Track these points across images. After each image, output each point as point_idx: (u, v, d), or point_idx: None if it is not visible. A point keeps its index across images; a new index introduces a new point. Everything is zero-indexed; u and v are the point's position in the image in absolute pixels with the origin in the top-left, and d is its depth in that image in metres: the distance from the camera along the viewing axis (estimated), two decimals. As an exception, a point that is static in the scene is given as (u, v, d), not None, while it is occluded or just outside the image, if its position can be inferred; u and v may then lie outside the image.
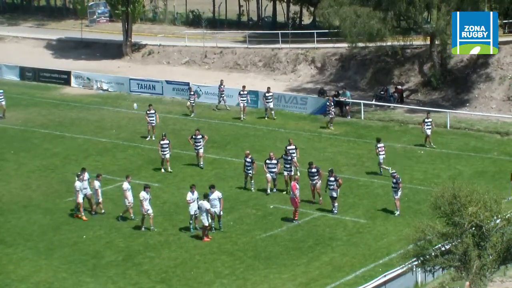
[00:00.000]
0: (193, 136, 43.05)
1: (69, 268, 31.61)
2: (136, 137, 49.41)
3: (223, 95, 55.23)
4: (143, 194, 34.77)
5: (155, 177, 41.80)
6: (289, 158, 39.19)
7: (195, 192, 34.61)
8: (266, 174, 38.70)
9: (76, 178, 36.52)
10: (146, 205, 34.73)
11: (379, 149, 41.59)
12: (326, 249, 32.93)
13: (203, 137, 43.08)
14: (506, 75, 54.93)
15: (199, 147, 42.88)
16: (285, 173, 38.99)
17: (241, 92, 53.29)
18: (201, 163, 43.05)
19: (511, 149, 45.84)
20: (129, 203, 35.75)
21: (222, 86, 55.50)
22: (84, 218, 36.25)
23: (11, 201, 38.88)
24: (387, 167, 41.33)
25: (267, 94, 52.85)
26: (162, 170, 42.36)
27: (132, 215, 35.92)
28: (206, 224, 33.61)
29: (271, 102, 52.98)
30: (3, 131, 51.39)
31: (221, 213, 34.67)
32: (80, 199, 36.15)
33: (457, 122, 50.78)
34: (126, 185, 35.91)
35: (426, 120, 45.90)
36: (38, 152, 46.84)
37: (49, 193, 39.83)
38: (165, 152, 42.14)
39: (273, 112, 53.01)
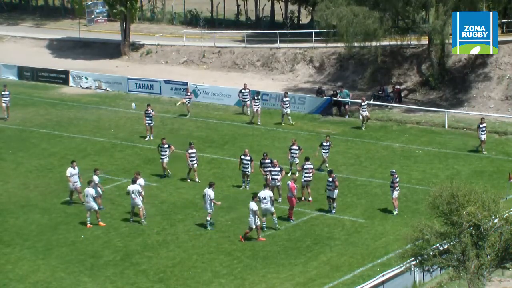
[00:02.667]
0: (160, 146, 41.52)
1: (67, 267, 31.59)
2: (134, 136, 49.38)
3: (246, 99, 53.60)
4: (209, 192, 34.71)
5: (153, 177, 41.77)
6: (268, 161, 38.42)
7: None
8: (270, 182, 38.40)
9: (88, 185, 35.85)
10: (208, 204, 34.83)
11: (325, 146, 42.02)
12: (324, 248, 32.92)
13: (169, 147, 41.43)
14: (504, 74, 54.96)
15: (163, 157, 41.26)
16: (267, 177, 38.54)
17: (256, 98, 52.19)
18: (168, 172, 41.60)
19: (509, 148, 45.86)
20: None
21: (244, 90, 53.66)
22: (102, 223, 35.69)
23: (9, 201, 38.85)
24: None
25: (284, 99, 51.49)
26: (188, 180, 40.85)
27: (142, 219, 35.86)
28: (253, 226, 33.34)
29: (288, 107, 51.56)
30: (1, 131, 51.35)
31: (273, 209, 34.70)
32: (95, 205, 35.63)
33: (455, 122, 50.80)
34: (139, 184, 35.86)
35: (480, 126, 44.85)
36: (36, 151, 46.82)
37: (47, 193, 39.80)
38: (193, 162, 40.62)
39: (289, 117, 51.60)
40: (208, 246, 33.34)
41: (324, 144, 42.04)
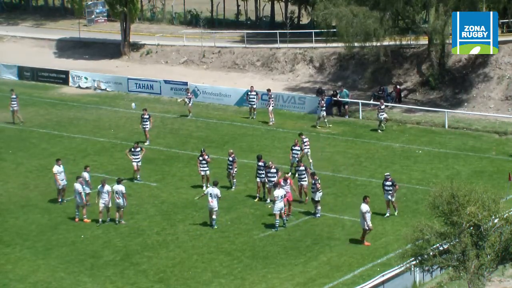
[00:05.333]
0: (132, 149, 40.87)
1: (67, 267, 31.58)
2: (134, 136, 49.28)
3: (252, 103, 52.79)
4: (216, 191, 34.65)
5: (153, 177, 41.77)
6: (263, 165, 38.03)
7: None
8: (267, 184, 38.09)
9: (77, 181, 35.91)
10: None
11: (305, 143, 42.04)
12: (324, 248, 32.91)
13: (141, 149, 40.97)
14: (504, 74, 54.96)
15: (137, 160, 40.70)
16: (258, 179, 38.27)
17: (269, 95, 52.13)
18: (138, 176, 40.96)
19: (509, 148, 45.84)
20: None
21: (251, 93, 53.03)
22: (87, 220, 36.10)
23: (9, 201, 38.84)
24: (310, 160, 41.88)
25: (322, 102, 51.09)
26: (204, 188, 38.71)
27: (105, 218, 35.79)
28: (366, 228, 32.87)
29: (324, 110, 51.03)
30: (1, 131, 51.35)
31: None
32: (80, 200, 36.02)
33: (455, 122, 50.81)
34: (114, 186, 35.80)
35: None
36: (36, 151, 46.81)
37: (47, 192, 39.74)
38: (205, 169, 39.45)
39: (326, 120, 50.93)
40: (208, 246, 33.32)
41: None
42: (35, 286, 30.19)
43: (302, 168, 37.16)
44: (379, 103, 50.77)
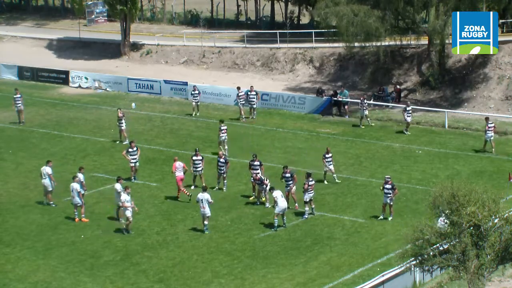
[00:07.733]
0: (129, 150, 40.90)
1: (67, 267, 31.59)
2: (133, 136, 49.24)
3: (252, 103, 52.93)
4: (206, 196, 34.25)
5: (153, 177, 41.78)
6: (257, 163, 38.08)
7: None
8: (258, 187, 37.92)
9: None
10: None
11: (223, 131, 44.04)
12: (324, 248, 32.92)
13: (137, 149, 40.97)
14: (504, 74, 54.96)
15: (135, 161, 40.88)
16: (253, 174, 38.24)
17: (238, 93, 53.08)
18: (134, 176, 41.08)
19: (509, 148, 45.85)
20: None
21: (251, 93, 53.07)
22: (85, 219, 36.17)
23: (9, 201, 38.85)
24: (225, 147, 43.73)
25: (364, 102, 50.85)
26: (193, 187, 39.34)
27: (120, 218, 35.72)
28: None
29: (366, 109, 50.96)
30: (1, 131, 51.34)
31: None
32: (79, 200, 36.01)
33: (455, 122, 50.81)
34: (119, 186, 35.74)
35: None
36: (36, 151, 46.80)
37: (47, 192, 39.80)
38: (198, 169, 39.37)
39: (368, 119, 50.93)
40: (208, 246, 33.33)
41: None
42: (35, 286, 30.20)
43: (288, 174, 36.62)
44: (405, 105, 50.08)
